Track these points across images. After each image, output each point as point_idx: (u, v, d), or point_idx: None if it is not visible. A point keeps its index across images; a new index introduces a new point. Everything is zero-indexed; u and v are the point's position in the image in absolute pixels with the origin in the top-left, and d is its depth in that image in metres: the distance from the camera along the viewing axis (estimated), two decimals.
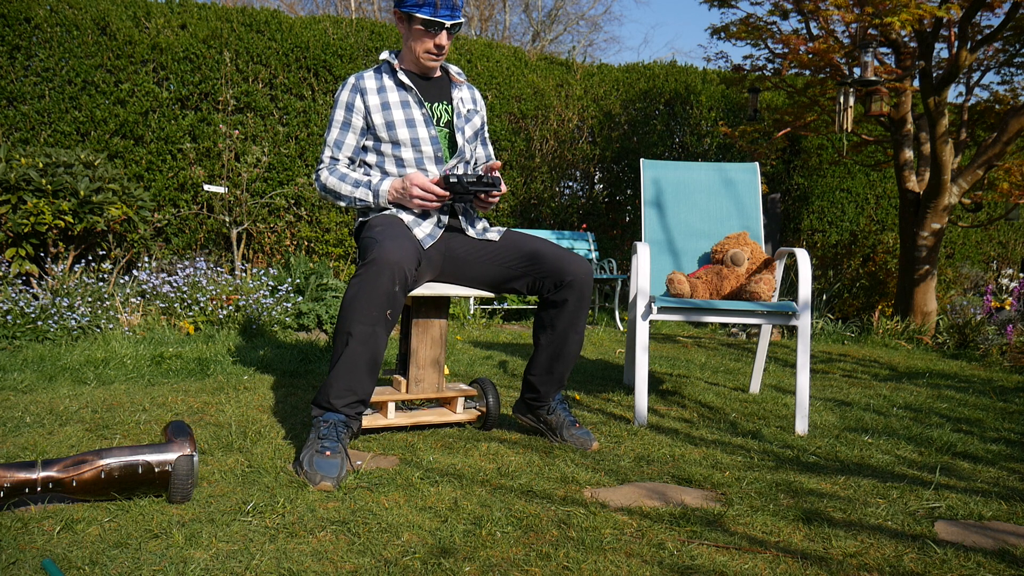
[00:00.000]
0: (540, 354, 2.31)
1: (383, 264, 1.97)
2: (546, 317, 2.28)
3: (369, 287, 1.97)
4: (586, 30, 25.40)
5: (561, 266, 2.21)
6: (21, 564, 1.35)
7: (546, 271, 2.23)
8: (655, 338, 5.19)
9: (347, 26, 6.25)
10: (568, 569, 1.42)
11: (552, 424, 2.33)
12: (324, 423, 1.99)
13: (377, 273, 1.97)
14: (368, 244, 2.10)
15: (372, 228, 2.17)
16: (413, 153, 2.29)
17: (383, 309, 1.99)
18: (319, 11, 18.31)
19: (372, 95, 2.30)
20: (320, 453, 1.88)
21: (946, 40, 5.36)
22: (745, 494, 1.87)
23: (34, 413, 2.39)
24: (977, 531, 1.67)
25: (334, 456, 1.88)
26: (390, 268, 1.97)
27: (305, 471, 1.85)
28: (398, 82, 2.32)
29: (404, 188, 2.19)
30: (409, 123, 2.28)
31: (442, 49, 2.27)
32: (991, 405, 3.15)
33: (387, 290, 1.98)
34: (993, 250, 8.85)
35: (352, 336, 1.99)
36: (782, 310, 2.60)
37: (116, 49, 5.41)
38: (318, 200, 5.94)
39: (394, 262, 1.98)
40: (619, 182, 7.25)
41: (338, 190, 2.27)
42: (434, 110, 2.35)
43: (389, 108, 2.29)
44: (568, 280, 2.20)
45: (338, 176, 2.28)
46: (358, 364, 2.00)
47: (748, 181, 3.20)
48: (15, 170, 4.21)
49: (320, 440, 1.93)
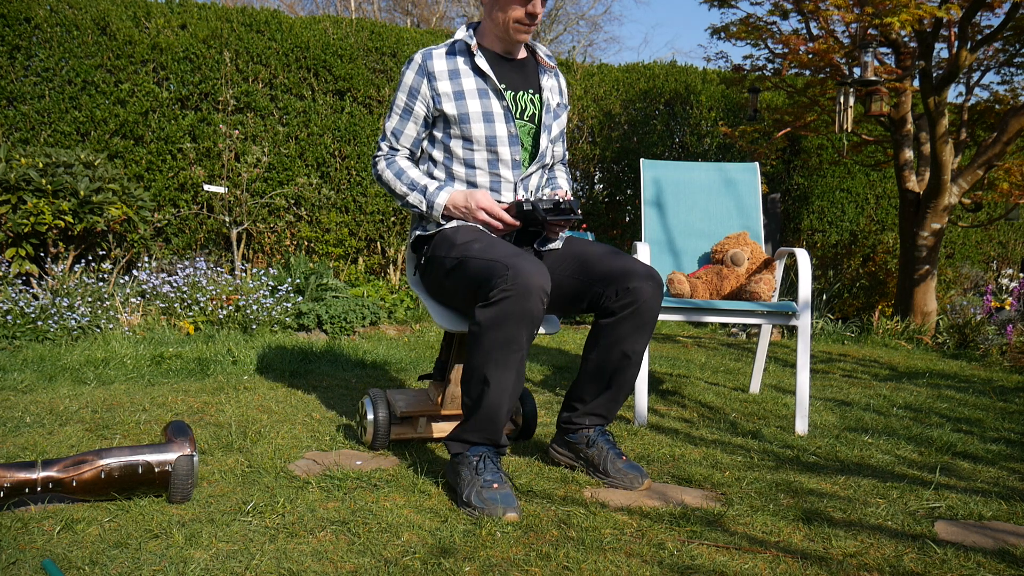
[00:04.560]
0: (586, 376, 2.00)
1: (528, 288, 1.70)
2: (598, 330, 1.96)
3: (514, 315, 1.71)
4: (586, 30, 25.39)
5: (627, 274, 1.90)
6: (21, 564, 1.35)
7: (605, 277, 1.93)
8: (655, 338, 5.20)
9: (347, 26, 6.26)
10: (568, 569, 1.42)
11: (593, 460, 1.98)
12: (475, 457, 1.80)
13: (521, 298, 1.70)
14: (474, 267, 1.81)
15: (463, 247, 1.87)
16: (487, 154, 1.99)
17: (531, 330, 1.76)
18: (319, 11, 18.32)
19: (443, 80, 1.98)
20: (487, 487, 1.72)
21: (946, 40, 5.36)
22: (745, 494, 1.87)
23: (34, 413, 2.39)
24: (977, 531, 1.67)
25: (503, 487, 1.73)
26: (536, 293, 1.71)
27: (480, 507, 1.68)
28: (475, 67, 2.00)
29: (467, 208, 1.94)
30: (487, 117, 1.98)
31: (534, 19, 1.94)
32: (991, 405, 3.15)
33: (535, 312, 1.73)
34: (993, 250, 8.85)
35: (489, 384, 1.76)
36: (782, 310, 2.60)
37: (116, 49, 5.41)
38: (318, 200, 5.94)
39: (538, 286, 1.71)
40: (619, 182, 7.25)
41: (393, 187, 2.04)
42: (518, 100, 2.04)
43: (464, 98, 1.97)
44: (631, 287, 1.89)
45: (395, 171, 2.03)
46: (498, 414, 1.79)
47: (748, 181, 3.20)
48: (15, 170, 4.21)
49: (479, 475, 1.75)
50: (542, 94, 2.08)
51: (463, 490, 1.74)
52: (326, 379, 3.16)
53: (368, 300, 4.79)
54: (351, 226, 6.07)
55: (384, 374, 3.37)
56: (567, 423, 2.04)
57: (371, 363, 3.58)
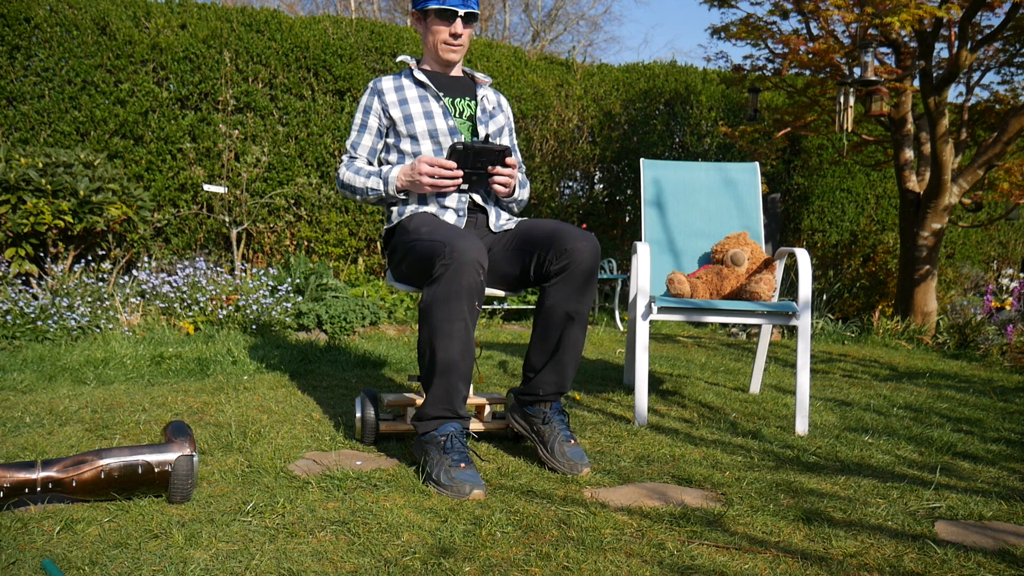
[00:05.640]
0: (535, 343, 2.13)
1: (462, 262, 1.88)
2: (542, 295, 2.09)
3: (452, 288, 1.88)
4: (586, 30, 25.39)
5: (562, 235, 2.04)
6: (21, 564, 1.35)
7: (545, 242, 2.07)
8: (655, 338, 5.19)
9: (347, 26, 6.25)
10: (568, 569, 1.42)
11: (544, 436, 2.08)
12: (442, 436, 1.92)
13: (457, 271, 1.88)
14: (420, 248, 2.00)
15: (413, 232, 2.08)
16: (432, 145, 2.25)
17: (471, 302, 1.91)
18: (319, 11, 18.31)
19: (390, 93, 2.32)
20: (455, 466, 1.83)
21: (946, 40, 5.36)
22: (745, 494, 1.87)
23: (34, 413, 2.39)
24: (977, 531, 1.67)
25: (469, 467, 1.84)
26: (470, 265, 1.89)
27: (448, 486, 1.80)
28: (416, 80, 2.34)
29: (412, 168, 2.16)
30: (427, 115, 2.28)
31: (458, 38, 2.27)
32: (991, 405, 3.15)
33: (472, 284, 1.90)
34: (993, 250, 8.85)
35: (436, 355, 1.91)
36: (782, 310, 2.60)
37: (116, 49, 5.41)
38: (318, 200, 5.94)
39: (472, 259, 1.89)
40: (619, 182, 7.25)
41: (353, 183, 2.28)
42: (455, 104, 2.34)
43: (407, 103, 2.29)
44: (567, 248, 2.02)
45: (353, 170, 2.29)
46: (450, 383, 1.93)
47: (748, 181, 3.20)
48: (15, 170, 4.21)
49: (446, 455, 1.87)
50: (477, 100, 2.38)
51: (431, 469, 1.87)
52: (326, 379, 3.16)
53: (368, 300, 4.79)
54: (351, 226, 6.07)
55: (384, 374, 3.37)
56: (523, 393, 2.16)
57: (371, 363, 3.58)
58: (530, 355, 2.14)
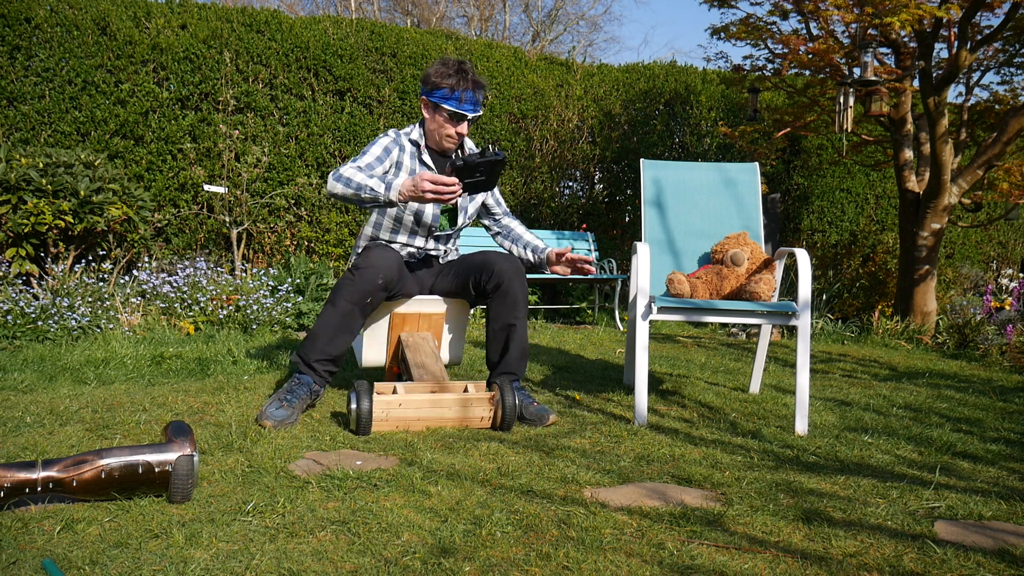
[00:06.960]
0: (489, 344, 2.64)
1: (369, 267, 2.40)
2: (488, 308, 2.62)
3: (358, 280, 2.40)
4: (586, 30, 25.39)
5: (490, 260, 2.55)
6: (21, 564, 1.35)
7: (478, 267, 2.57)
8: (655, 338, 5.20)
9: (347, 26, 6.26)
10: (568, 569, 1.42)
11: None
12: (296, 381, 2.44)
13: (364, 272, 2.40)
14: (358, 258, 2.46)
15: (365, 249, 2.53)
16: (411, 222, 2.64)
17: (365, 297, 2.41)
18: (319, 11, 18.31)
19: (407, 156, 2.63)
20: (280, 402, 2.35)
21: (946, 40, 5.36)
22: (745, 494, 1.87)
23: (34, 413, 2.39)
24: (977, 531, 1.67)
25: (288, 409, 2.34)
26: (374, 269, 2.40)
27: (262, 411, 2.33)
28: (422, 161, 2.66)
29: (415, 184, 2.33)
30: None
31: (461, 136, 2.61)
32: (991, 405, 3.15)
33: (372, 284, 2.40)
34: (993, 250, 8.85)
35: (335, 306, 2.42)
36: (782, 310, 2.60)
37: (116, 49, 5.41)
38: (318, 200, 5.94)
39: (380, 265, 2.40)
40: (619, 182, 7.25)
41: (353, 176, 2.41)
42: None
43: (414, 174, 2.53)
44: (495, 270, 2.53)
45: (355, 169, 2.45)
46: (337, 328, 2.42)
47: (748, 181, 3.20)
48: (15, 170, 4.21)
49: (287, 393, 2.39)
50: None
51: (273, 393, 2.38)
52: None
53: None
54: (351, 226, 6.07)
55: (383, 373, 3.36)
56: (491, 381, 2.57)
57: None
58: (489, 353, 2.66)
